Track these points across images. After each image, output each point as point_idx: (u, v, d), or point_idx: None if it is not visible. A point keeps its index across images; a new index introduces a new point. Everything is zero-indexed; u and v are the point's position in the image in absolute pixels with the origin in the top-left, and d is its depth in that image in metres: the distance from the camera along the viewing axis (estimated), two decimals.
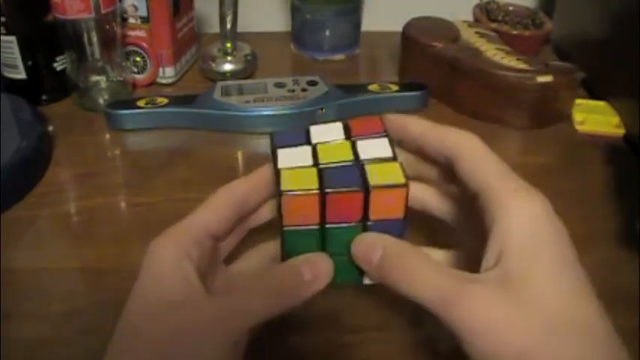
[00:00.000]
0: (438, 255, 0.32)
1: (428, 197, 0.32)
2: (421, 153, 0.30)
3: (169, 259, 0.26)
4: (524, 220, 0.24)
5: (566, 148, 0.52)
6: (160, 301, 0.25)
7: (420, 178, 0.32)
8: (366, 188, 0.26)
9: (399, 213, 0.27)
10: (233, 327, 0.25)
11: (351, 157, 0.28)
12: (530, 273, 0.23)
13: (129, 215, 0.44)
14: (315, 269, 0.27)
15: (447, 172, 0.29)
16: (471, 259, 0.27)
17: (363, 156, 0.28)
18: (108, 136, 0.52)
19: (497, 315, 0.22)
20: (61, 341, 0.33)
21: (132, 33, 0.57)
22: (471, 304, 0.23)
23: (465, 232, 0.30)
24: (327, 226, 0.27)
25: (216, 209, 0.29)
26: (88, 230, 0.41)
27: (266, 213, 0.32)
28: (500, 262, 0.24)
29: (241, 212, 0.30)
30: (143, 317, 0.25)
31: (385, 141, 0.29)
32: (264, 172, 0.30)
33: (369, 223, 0.27)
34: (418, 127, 0.30)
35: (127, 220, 0.43)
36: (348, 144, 0.29)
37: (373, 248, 0.26)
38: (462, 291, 0.23)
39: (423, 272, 0.25)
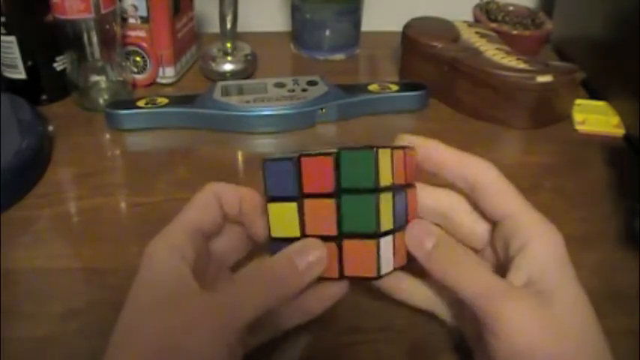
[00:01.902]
0: None
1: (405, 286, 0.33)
2: (439, 175, 0.31)
3: (164, 259, 0.27)
4: (552, 247, 0.27)
5: (566, 148, 0.52)
6: (157, 301, 0.25)
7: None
8: (336, 154, 0.27)
9: (369, 182, 0.27)
10: (230, 321, 0.25)
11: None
12: (561, 290, 0.26)
13: (129, 215, 0.44)
14: (307, 258, 0.27)
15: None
16: None
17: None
18: (108, 136, 0.52)
19: (537, 323, 0.25)
20: (61, 341, 0.33)
21: (132, 33, 0.57)
22: (514, 304, 0.25)
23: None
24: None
25: (202, 207, 0.30)
26: (88, 230, 0.41)
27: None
28: (532, 280, 0.26)
29: (225, 210, 0.31)
30: (141, 318, 0.25)
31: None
32: (251, 192, 0.31)
33: (342, 195, 0.27)
34: (439, 150, 0.30)
35: (127, 220, 0.43)
36: None
37: (427, 234, 0.28)
38: (507, 290, 0.26)
39: (472, 266, 0.27)
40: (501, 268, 0.29)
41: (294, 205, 0.28)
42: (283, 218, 0.28)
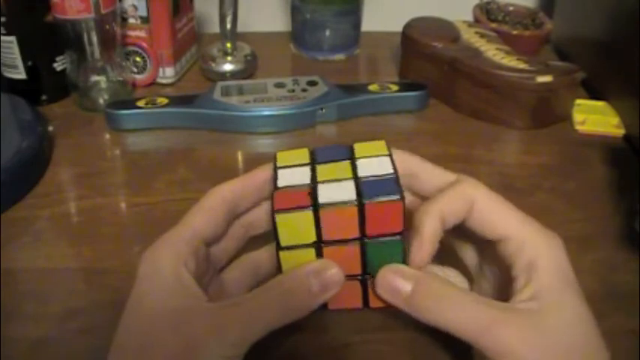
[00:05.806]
0: (461, 279, 0.32)
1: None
2: (421, 194, 0.30)
3: (167, 267, 0.26)
4: (555, 260, 0.26)
5: (566, 148, 0.52)
6: (165, 311, 0.25)
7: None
8: (360, 203, 0.26)
9: (396, 227, 0.26)
10: (243, 336, 0.24)
11: (349, 175, 0.28)
12: (561, 307, 0.25)
13: (129, 215, 0.44)
14: (324, 280, 0.26)
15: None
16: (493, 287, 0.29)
17: (361, 174, 0.28)
18: (108, 136, 0.52)
19: (532, 345, 0.24)
20: (61, 341, 0.33)
21: (132, 33, 0.57)
22: (507, 332, 0.24)
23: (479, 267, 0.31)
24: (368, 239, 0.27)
25: (208, 214, 0.28)
26: (88, 230, 0.41)
27: (266, 221, 0.32)
28: (537, 297, 0.25)
29: (232, 215, 0.30)
30: (148, 328, 0.24)
31: (387, 160, 0.28)
32: (257, 174, 0.30)
33: (367, 240, 0.27)
34: (421, 168, 0.30)
35: (127, 220, 0.43)
36: (348, 164, 0.29)
37: (402, 280, 0.26)
38: (497, 318, 0.24)
39: (458, 300, 0.25)
40: (498, 283, 0.28)
41: (311, 252, 0.27)
42: (298, 264, 0.27)
